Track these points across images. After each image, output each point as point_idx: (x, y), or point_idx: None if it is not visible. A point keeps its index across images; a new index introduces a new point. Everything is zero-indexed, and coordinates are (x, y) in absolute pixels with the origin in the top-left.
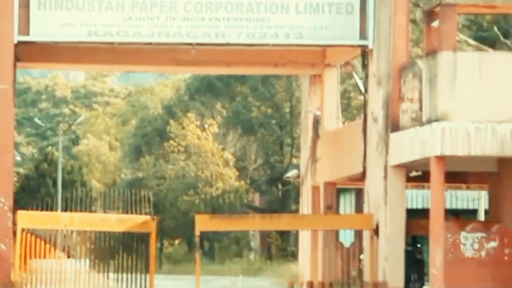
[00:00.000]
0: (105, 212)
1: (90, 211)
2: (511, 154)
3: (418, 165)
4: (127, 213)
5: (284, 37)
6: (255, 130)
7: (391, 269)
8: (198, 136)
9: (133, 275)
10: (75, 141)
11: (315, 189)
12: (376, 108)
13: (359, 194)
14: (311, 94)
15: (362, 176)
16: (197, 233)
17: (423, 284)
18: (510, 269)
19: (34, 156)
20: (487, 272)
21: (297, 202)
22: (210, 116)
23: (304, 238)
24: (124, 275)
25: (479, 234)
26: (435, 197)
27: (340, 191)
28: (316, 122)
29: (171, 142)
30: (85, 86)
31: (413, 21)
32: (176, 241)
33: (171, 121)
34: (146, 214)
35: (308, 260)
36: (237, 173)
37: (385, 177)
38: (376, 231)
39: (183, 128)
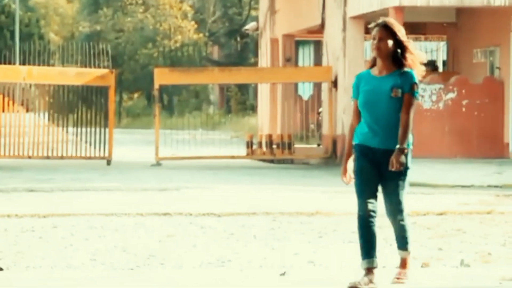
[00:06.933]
0: (63, 65)
1: (49, 65)
2: (469, 4)
3: (377, 16)
4: (85, 66)
5: None
6: None
7: (350, 122)
8: None
9: (92, 128)
10: None
11: (274, 41)
12: None
13: (317, 46)
14: None
15: (321, 28)
16: (156, 86)
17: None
18: (467, 120)
19: None
20: (445, 123)
21: (256, 55)
22: None
23: (263, 92)
24: (83, 128)
25: (438, 86)
26: None
27: (299, 43)
28: None
29: None
30: None
31: None
32: (135, 95)
33: None
34: (104, 67)
35: (267, 114)
36: (195, 26)
37: (344, 29)
38: (335, 84)
39: None
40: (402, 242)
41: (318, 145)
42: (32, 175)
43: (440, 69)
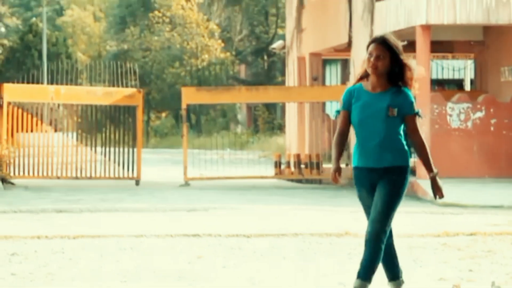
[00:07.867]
0: (91, 84)
1: (76, 84)
2: (496, 22)
3: (404, 35)
4: (113, 85)
5: None
6: (239, 0)
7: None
8: (183, 6)
9: (121, 148)
10: (59, 12)
11: (301, 60)
12: None
13: (344, 65)
14: None
15: (348, 46)
16: (183, 106)
17: (410, 155)
18: (496, 139)
19: (18, 27)
20: (473, 142)
21: (283, 73)
22: None
23: (291, 111)
24: (112, 148)
25: (466, 105)
26: None
27: (326, 62)
28: None
29: (156, 12)
30: None
31: None
32: (163, 114)
33: None
34: (132, 86)
35: (295, 133)
36: (222, 45)
37: None
38: None
39: None
40: (370, 272)
41: (347, 164)
42: (61, 195)
43: (468, 87)
